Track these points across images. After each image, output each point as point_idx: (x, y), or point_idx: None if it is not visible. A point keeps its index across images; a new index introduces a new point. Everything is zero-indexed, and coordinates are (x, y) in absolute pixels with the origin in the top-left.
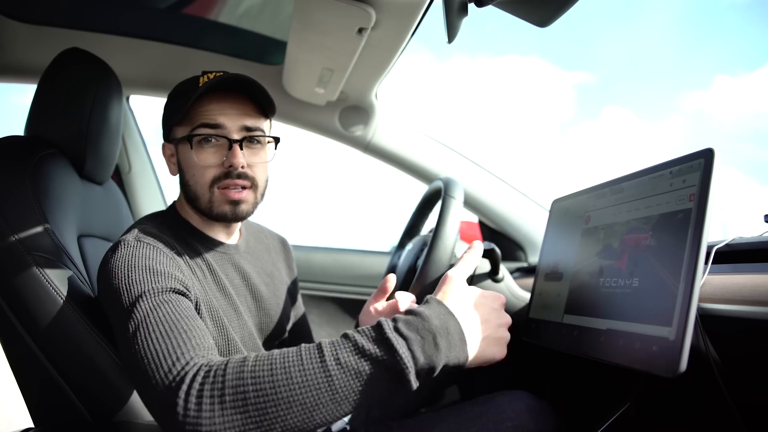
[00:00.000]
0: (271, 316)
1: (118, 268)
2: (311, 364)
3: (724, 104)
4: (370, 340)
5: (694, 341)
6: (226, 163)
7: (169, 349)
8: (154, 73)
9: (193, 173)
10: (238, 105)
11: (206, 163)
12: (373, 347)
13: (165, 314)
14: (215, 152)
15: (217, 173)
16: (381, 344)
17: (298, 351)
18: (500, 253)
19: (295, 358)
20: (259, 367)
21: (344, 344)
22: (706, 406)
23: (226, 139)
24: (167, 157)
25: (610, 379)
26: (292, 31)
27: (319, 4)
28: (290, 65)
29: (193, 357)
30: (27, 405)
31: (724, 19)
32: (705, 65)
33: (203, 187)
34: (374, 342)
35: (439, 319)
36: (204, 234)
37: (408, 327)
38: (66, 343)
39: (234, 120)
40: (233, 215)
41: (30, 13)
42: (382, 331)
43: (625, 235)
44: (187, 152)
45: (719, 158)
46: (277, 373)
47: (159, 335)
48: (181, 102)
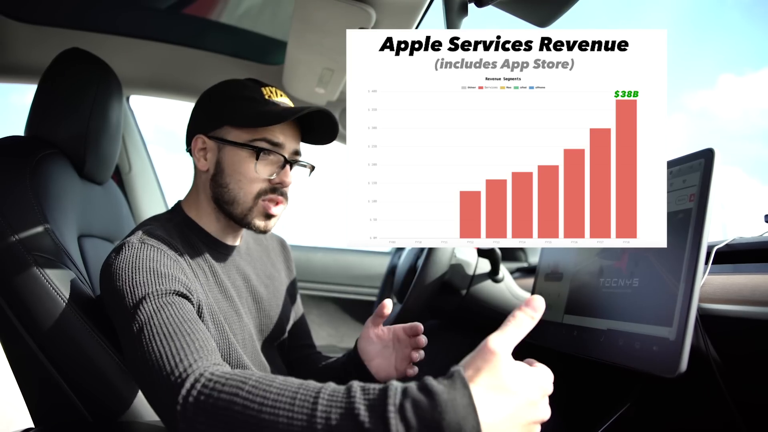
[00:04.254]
0: (271, 317)
1: (122, 269)
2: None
3: (730, 103)
4: (369, 408)
5: (695, 341)
6: (277, 179)
7: (172, 351)
8: (154, 73)
9: (239, 179)
10: (295, 129)
11: (261, 175)
12: (368, 420)
13: (168, 317)
14: (269, 166)
15: (265, 186)
16: (379, 421)
17: (295, 393)
18: (500, 253)
19: (288, 400)
20: (252, 397)
21: (340, 404)
22: (706, 406)
23: (283, 157)
24: (196, 150)
25: (610, 379)
26: (292, 31)
27: (319, 4)
28: (290, 65)
29: (196, 360)
30: (27, 405)
31: (728, 17)
32: (710, 64)
33: (248, 195)
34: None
35: (456, 413)
36: (211, 236)
37: (415, 412)
38: (66, 343)
39: (291, 142)
40: (266, 228)
41: (30, 13)
42: (385, 406)
43: None
44: (241, 158)
45: (720, 158)
46: (265, 410)
47: (162, 337)
48: (247, 107)
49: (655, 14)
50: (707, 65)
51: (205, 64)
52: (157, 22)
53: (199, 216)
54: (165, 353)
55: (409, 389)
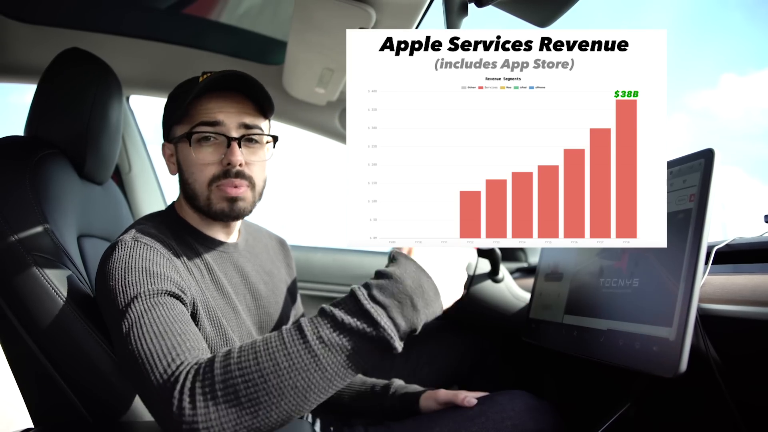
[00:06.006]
0: (270, 314)
1: (115, 269)
2: (295, 347)
3: (732, 102)
4: (349, 313)
5: (695, 341)
6: (225, 160)
7: (164, 350)
8: (154, 73)
9: (192, 171)
10: (237, 103)
11: (205, 161)
12: (353, 321)
13: (159, 316)
14: (214, 150)
15: (216, 171)
16: (361, 316)
17: (279, 335)
18: (500, 253)
19: (278, 344)
20: (245, 358)
21: (324, 322)
22: (706, 406)
23: (224, 137)
24: (167, 157)
25: (610, 379)
26: (292, 31)
27: (319, 4)
28: (290, 65)
29: (187, 357)
30: (27, 405)
31: (731, 18)
32: (711, 64)
33: (202, 185)
34: (353, 315)
35: (412, 279)
36: (203, 233)
37: (383, 293)
38: (66, 343)
39: (233, 118)
40: (231, 212)
41: (30, 13)
42: (359, 303)
43: None
44: (186, 150)
45: (720, 158)
46: (263, 362)
47: (154, 336)
48: (181, 100)
49: (655, 14)
50: (709, 65)
51: (205, 64)
52: (157, 22)
53: (187, 215)
54: (157, 351)
55: (369, 283)
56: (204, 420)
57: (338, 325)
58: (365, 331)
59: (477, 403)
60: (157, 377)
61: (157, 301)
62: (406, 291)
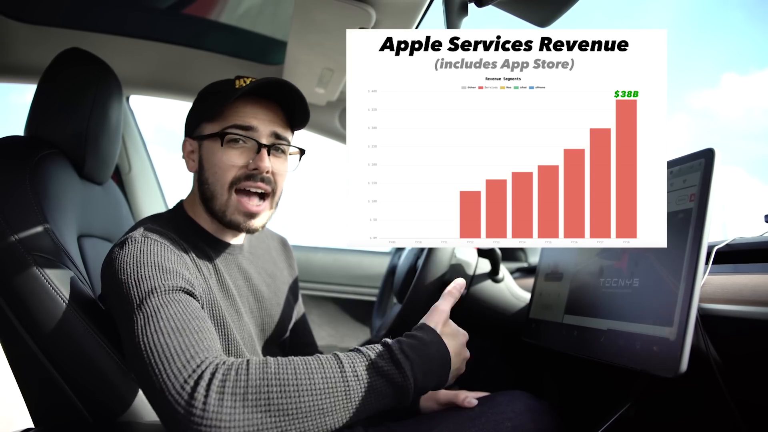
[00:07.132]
0: (272, 316)
1: (127, 263)
2: (332, 372)
3: (733, 102)
4: (382, 358)
5: (695, 341)
6: (252, 165)
7: (182, 346)
8: (154, 73)
9: (214, 171)
10: (271, 111)
11: (232, 162)
12: (385, 365)
13: (177, 312)
14: (241, 153)
15: (239, 174)
16: (392, 363)
17: (318, 359)
18: (500, 253)
19: (317, 365)
20: (283, 369)
21: (359, 358)
22: (706, 406)
23: (255, 142)
24: (186, 153)
25: (610, 379)
26: (292, 31)
27: (319, 4)
28: (290, 65)
29: (207, 356)
30: (27, 405)
31: (732, 17)
32: (712, 63)
33: (222, 186)
34: (385, 360)
35: (435, 348)
36: (211, 235)
37: (412, 350)
38: (66, 343)
39: (266, 125)
40: (245, 227)
41: (30, 13)
42: (392, 352)
43: None
44: (213, 149)
45: (720, 158)
46: (301, 378)
47: (171, 331)
48: (215, 100)
49: (655, 14)
50: (710, 64)
51: (205, 64)
52: (157, 22)
53: (197, 216)
54: (175, 347)
55: (402, 340)
56: (229, 419)
57: (372, 365)
58: (392, 376)
59: (477, 403)
60: (175, 372)
61: (173, 297)
62: (429, 355)
